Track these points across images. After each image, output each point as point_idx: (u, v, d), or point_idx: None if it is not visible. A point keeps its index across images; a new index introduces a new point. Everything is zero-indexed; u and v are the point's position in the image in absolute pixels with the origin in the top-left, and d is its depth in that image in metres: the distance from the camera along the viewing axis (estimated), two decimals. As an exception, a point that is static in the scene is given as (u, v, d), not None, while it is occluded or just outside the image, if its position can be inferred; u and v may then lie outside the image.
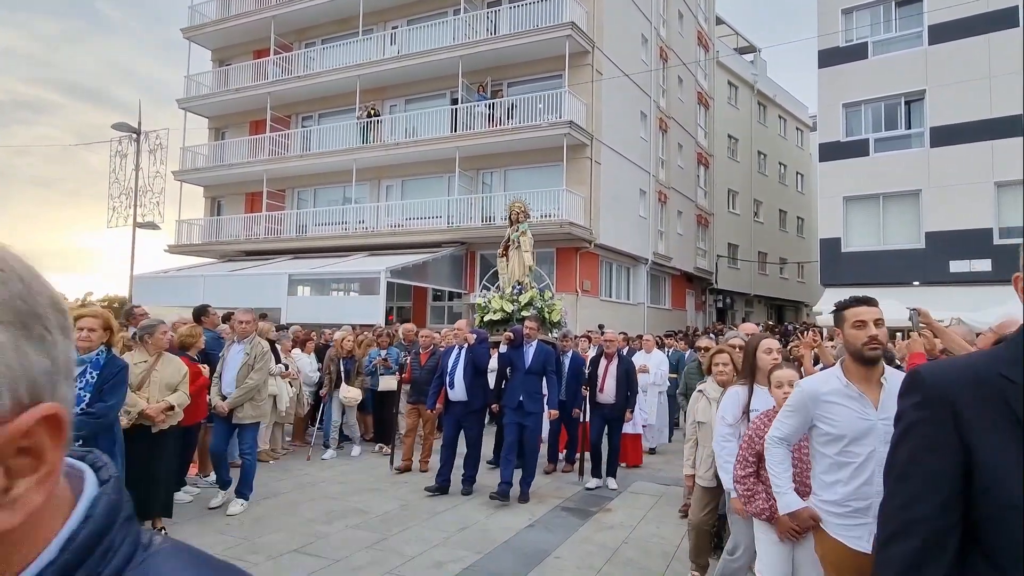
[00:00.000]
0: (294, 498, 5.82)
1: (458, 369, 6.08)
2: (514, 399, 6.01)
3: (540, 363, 6.04)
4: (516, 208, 8.67)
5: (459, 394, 6.07)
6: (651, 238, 19.91)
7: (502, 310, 7.84)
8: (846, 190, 15.58)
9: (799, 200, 32.80)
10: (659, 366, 8.44)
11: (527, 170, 17.12)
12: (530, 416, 5.95)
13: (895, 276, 14.42)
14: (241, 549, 4.43)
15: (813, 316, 18.23)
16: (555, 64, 16.32)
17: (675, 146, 22.23)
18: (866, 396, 2.26)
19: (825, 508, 2.34)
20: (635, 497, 6.21)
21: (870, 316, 2.28)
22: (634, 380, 6.55)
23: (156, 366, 4.44)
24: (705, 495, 3.83)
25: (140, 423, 4.26)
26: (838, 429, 2.27)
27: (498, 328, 7.43)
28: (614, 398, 6.36)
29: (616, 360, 6.48)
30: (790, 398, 2.52)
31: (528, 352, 6.09)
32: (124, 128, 18.81)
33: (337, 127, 19.32)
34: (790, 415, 2.47)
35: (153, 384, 4.36)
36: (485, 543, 4.68)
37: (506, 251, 8.57)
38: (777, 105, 31.15)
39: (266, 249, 19.67)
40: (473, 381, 6.05)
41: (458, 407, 6.14)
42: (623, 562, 4.40)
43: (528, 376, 6.00)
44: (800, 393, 2.44)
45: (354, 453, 7.81)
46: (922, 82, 14.76)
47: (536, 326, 6.21)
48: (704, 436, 3.83)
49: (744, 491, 2.86)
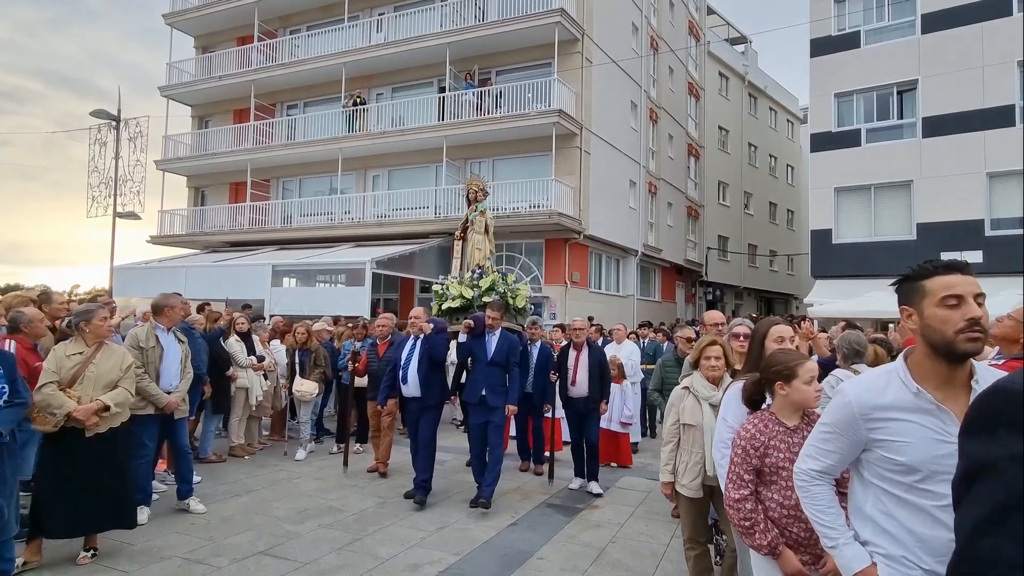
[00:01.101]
0: (266, 495, 5.57)
1: (412, 361, 5.51)
2: (475, 394, 5.42)
3: (503, 354, 5.45)
4: (474, 186, 7.89)
5: (412, 389, 5.49)
6: (641, 230, 19.72)
7: (461, 296, 7.09)
8: (837, 181, 15.44)
9: (789, 192, 32.74)
10: (630, 357, 7.91)
11: (515, 160, 16.84)
12: (494, 411, 5.40)
13: (886, 268, 14.29)
14: (205, 551, 4.18)
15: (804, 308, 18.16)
16: (544, 52, 16.02)
17: (666, 137, 22.02)
18: (947, 408, 1.53)
19: (885, 563, 1.60)
20: (623, 493, 6.01)
21: (968, 289, 1.54)
22: (607, 371, 6.11)
23: (94, 359, 3.90)
24: (692, 508, 3.35)
25: (72, 426, 3.72)
26: (907, 457, 1.55)
27: (458, 317, 6.74)
28: (587, 391, 5.92)
29: (586, 350, 6.05)
30: (829, 411, 1.73)
31: (490, 342, 5.49)
32: (103, 115, 18.31)
33: (323, 116, 18.93)
34: (830, 437, 1.72)
35: (88, 380, 3.78)
36: (464, 543, 4.45)
37: (464, 233, 7.87)
38: (768, 96, 31.00)
39: (251, 240, 19.28)
40: (429, 375, 5.48)
41: (412, 404, 5.58)
42: (610, 563, 4.19)
43: (491, 368, 5.43)
44: (845, 406, 1.67)
45: (298, 457, 7.01)
46: (915, 71, 14.62)
47: (499, 314, 5.61)
48: (691, 440, 3.32)
49: (741, 520, 2.23)
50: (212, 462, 6.71)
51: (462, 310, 7.01)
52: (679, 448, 3.38)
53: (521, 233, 16.04)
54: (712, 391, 3.33)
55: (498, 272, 7.57)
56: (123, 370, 4.00)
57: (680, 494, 3.36)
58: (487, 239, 7.74)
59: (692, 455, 3.31)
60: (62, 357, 3.80)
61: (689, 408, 3.36)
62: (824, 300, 13.98)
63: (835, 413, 1.70)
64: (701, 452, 3.27)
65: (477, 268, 7.47)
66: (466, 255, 7.77)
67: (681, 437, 3.38)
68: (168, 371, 4.86)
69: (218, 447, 7.07)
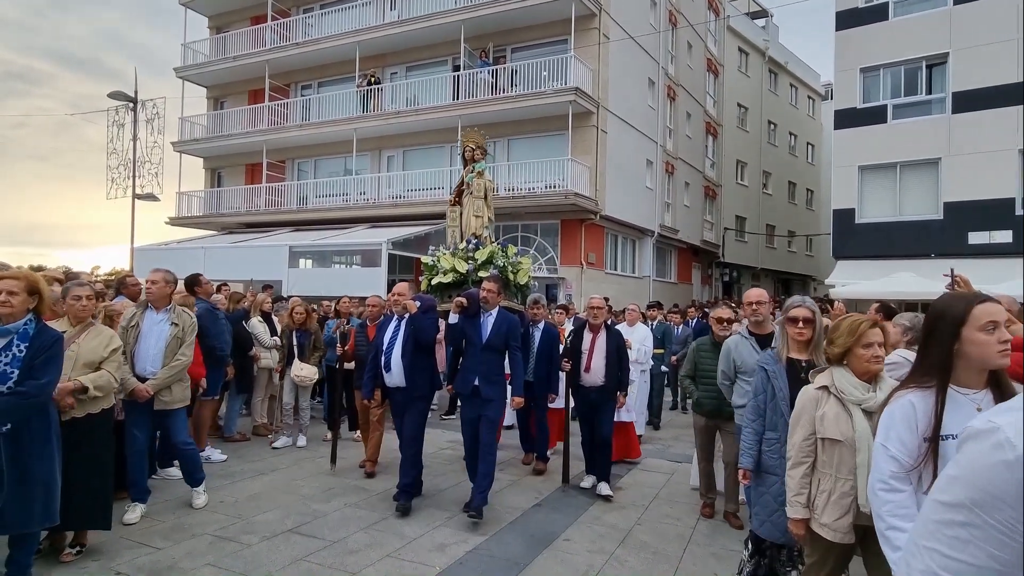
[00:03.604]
0: (292, 474, 5.62)
1: (395, 346, 4.77)
2: (467, 384, 4.68)
3: (501, 336, 4.68)
4: (471, 142, 6.71)
5: (396, 378, 4.77)
6: (658, 210, 19.48)
7: (454, 270, 6.09)
8: (862, 159, 15.09)
9: (809, 171, 32.12)
10: (643, 341, 7.09)
11: (531, 139, 16.65)
12: (488, 404, 4.63)
13: (911, 248, 14.03)
14: (235, 529, 4.23)
15: (824, 289, 17.90)
16: (560, 28, 15.71)
17: (683, 115, 21.62)
18: None
19: None
20: (646, 475, 5.99)
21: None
22: (626, 358, 5.38)
23: (77, 339, 3.64)
24: (830, 554, 2.41)
25: None
26: None
27: (450, 294, 5.82)
28: (603, 379, 5.17)
29: (604, 333, 5.30)
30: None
31: (486, 322, 4.72)
32: (120, 97, 18.39)
33: (337, 96, 18.82)
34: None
35: (67, 360, 3.48)
36: (490, 523, 4.46)
37: (459, 199, 6.72)
38: (789, 72, 30.27)
39: (267, 221, 19.36)
40: (415, 361, 4.73)
41: (397, 395, 4.88)
42: (637, 545, 4.17)
43: (486, 353, 4.65)
44: None
45: (300, 443, 6.64)
46: (945, 44, 14.14)
47: (496, 288, 4.81)
48: (836, 462, 2.39)
49: None
50: (236, 441, 6.80)
51: (455, 286, 6.00)
52: (815, 471, 2.48)
53: (536, 214, 15.91)
54: (867, 392, 2.39)
55: (497, 244, 6.40)
56: (107, 351, 3.69)
57: (816, 534, 2.43)
58: (486, 205, 6.56)
59: (838, 482, 2.37)
60: None
61: (832, 417, 2.41)
62: (846, 281, 13.75)
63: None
64: (852, 479, 2.33)
65: (473, 238, 6.35)
66: (464, 224, 6.62)
67: (819, 456, 2.47)
68: (143, 355, 4.34)
69: (242, 426, 7.16)
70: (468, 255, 6.22)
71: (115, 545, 3.85)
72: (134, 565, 3.61)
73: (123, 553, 3.76)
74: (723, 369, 4.12)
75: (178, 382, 4.47)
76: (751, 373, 3.67)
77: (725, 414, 4.39)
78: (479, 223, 6.43)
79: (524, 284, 6.32)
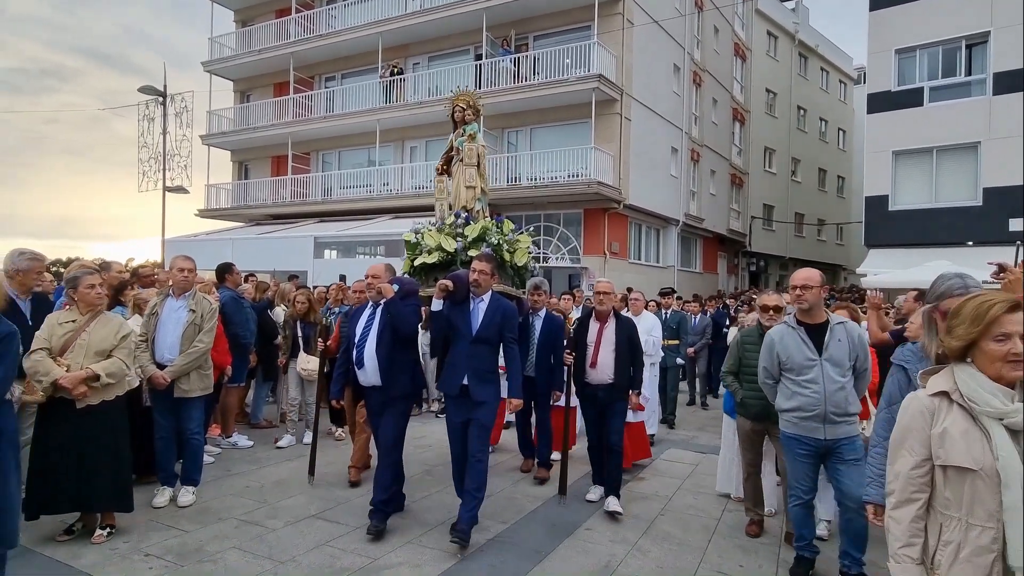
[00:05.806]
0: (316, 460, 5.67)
1: (369, 339, 4.05)
2: (454, 382, 3.95)
3: (495, 326, 3.97)
4: (461, 101, 5.66)
5: (371, 376, 4.04)
6: (682, 198, 19.18)
7: (440, 249, 5.12)
8: (896, 144, 14.61)
9: (840, 158, 31.26)
10: (650, 332, 6.38)
11: (554, 128, 16.50)
12: (479, 408, 3.91)
13: (947, 236, 13.57)
14: (260, 513, 4.30)
15: (855, 278, 17.45)
16: (583, 14, 15.49)
17: (709, 101, 21.20)
18: None
19: None
20: (669, 465, 5.91)
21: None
22: (639, 351, 4.71)
23: (87, 328, 3.62)
24: None
25: (61, 396, 3.48)
26: None
27: (436, 276, 4.87)
28: (611, 376, 4.51)
29: (613, 322, 4.64)
30: None
31: (476, 310, 4.00)
32: (150, 91, 18.76)
33: (360, 87, 18.91)
34: None
35: (79, 349, 3.49)
36: (511, 512, 4.45)
37: (447, 166, 5.70)
38: (819, 56, 29.41)
39: (292, 212, 19.62)
40: (392, 355, 4.02)
41: (373, 396, 4.18)
42: (660, 536, 4.12)
43: (476, 346, 3.94)
44: None
45: (306, 440, 6.03)
46: (986, 23, 13.56)
47: (488, 268, 4.04)
48: (968, 499, 1.65)
49: None
50: (263, 427, 6.92)
51: (441, 267, 5.11)
52: (932, 512, 1.75)
53: (559, 203, 15.80)
54: (1011, 401, 1.64)
55: (492, 219, 5.52)
56: (117, 339, 3.70)
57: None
58: (479, 174, 5.62)
59: (971, 531, 1.64)
60: (54, 325, 3.60)
61: (957, 436, 1.67)
62: (879, 270, 13.36)
63: None
64: (995, 527, 1.60)
65: (463, 211, 5.41)
66: (453, 197, 5.65)
67: (939, 492, 1.72)
68: (162, 342, 4.37)
69: (268, 413, 7.28)
70: (457, 231, 5.19)
71: (144, 527, 3.94)
72: (163, 547, 3.69)
73: (151, 535, 3.84)
74: (765, 366, 3.58)
75: (197, 370, 4.43)
76: (799, 371, 3.36)
77: (774, 417, 3.65)
78: (471, 195, 5.40)
79: (523, 266, 5.35)
